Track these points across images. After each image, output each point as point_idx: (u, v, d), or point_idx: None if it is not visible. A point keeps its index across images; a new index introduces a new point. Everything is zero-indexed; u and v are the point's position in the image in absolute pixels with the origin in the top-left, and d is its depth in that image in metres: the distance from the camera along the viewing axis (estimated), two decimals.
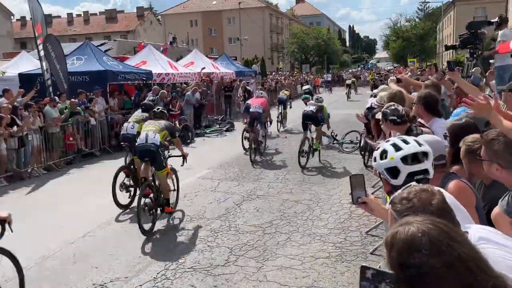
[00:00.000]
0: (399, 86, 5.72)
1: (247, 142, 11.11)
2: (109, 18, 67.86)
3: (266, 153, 11.49)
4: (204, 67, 20.28)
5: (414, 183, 1.70)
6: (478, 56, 7.73)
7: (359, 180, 2.26)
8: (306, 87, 15.94)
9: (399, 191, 1.63)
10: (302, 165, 9.39)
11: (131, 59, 18.14)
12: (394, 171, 2.19)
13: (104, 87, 13.48)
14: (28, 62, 16.62)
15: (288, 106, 16.40)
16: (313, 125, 9.90)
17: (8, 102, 10.08)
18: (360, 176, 2.31)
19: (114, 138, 12.94)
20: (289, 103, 16.65)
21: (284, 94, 16.64)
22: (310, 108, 9.86)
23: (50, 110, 10.91)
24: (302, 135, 9.86)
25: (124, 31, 62.67)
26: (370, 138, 6.34)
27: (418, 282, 1.10)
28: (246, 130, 11.27)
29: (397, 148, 2.21)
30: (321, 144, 10.43)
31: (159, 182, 6.41)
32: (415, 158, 2.17)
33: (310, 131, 9.90)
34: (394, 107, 3.68)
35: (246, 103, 11.98)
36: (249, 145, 10.69)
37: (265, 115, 11.38)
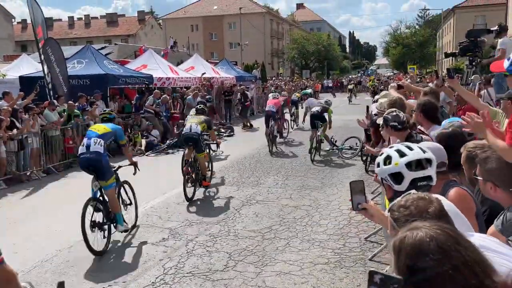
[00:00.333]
0: (399, 92, 5.74)
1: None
2: (110, 22, 68.03)
3: (264, 158, 11.51)
4: (205, 72, 20.34)
5: (413, 191, 1.71)
6: (477, 64, 7.78)
7: (359, 186, 2.27)
8: (308, 91, 18.58)
9: (398, 199, 1.64)
10: (312, 158, 10.77)
11: (132, 63, 18.20)
12: (398, 177, 2.21)
13: (104, 90, 13.50)
14: (28, 65, 16.66)
15: (300, 107, 18.21)
16: (320, 122, 11.13)
17: (8, 105, 10.10)
18: (360, 182, 2.32)
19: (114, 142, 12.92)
20: (300, 103, 18.36)
21: (296, 96, 19.06)
22: (317, 108, 11.36)
23: (50, 114, 10.93)
24: (311, 132, 11.15)
25: (125, 35, 62.80)
26: (370, 144, 6.35)
27: (426, 286, 1.12)
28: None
29: (401, 154, 2.23)
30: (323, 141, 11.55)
31: (198, 162, 8.10)
32: (419, 164, 2.19)
33: (318, 129, 11.04)
34: (395, 113, 3.70)
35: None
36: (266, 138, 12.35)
37: (278, 113, 12.98)
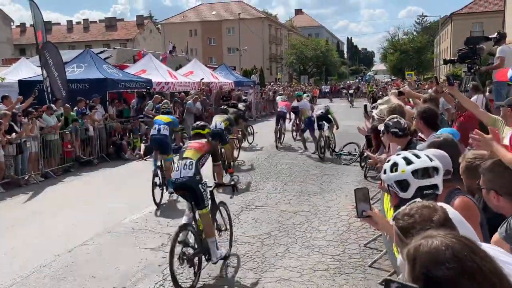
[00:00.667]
0: (400, 99, 5.76)
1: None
2: (108, 26, 68.07)
3: (263, 164, 11.50)
4: (203, 78, 20.41)
5: (418, 199, 1.72)
6: (476, 71, 7.83)
7: (363, 193, 2.27)
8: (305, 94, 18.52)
9: (403, 207, 1.64)
10: (321, 157, 11.62)
11: (131, 67, 18.21)
12: (403, 184, 2.21)
13: (104, 95, 13.50)
14: (27, 69, 16.65)
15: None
16: (325, 122, 11.79)
17: (7, 109, 10.08)
18: (364, 189, 2.31)
19: (112, 146, 12.93)
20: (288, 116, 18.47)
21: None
22: (321, 110, 12.25)
23: (48, 118, 10.91)
24: (318, 133, 12.02)
25: (123, 39, 62.80)
26: (371, 150, 6.36)
27: None
28: (293, 124, 15.04)
29: (408, 162, 2.23)
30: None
31: (224, 152, 9.64)
32: (426, 172, 2.19)
33: (323, 130, 11.69)
34: (396, 119, 3.71)
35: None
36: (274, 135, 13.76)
37: (289, 114, 14.54)
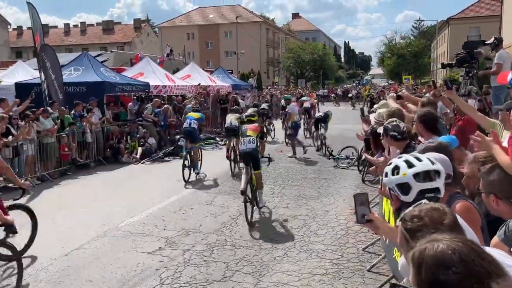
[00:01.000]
0: (398, 102, 5.76)
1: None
2: (106, 29, 68.04)
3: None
4: (200, 83, 20.45)
5: (425, 201, 1.70)
6: (474, 75, 7.84)
7: (363, 198, 2.25)
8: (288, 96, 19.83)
9: (410, 209, 1.62)
10: (322, 153, 13.09)
11: (128, 70, 18.15)
12: (405, 187, 2.20)
13: (101, 98, 13.46)
14: (24, 72, 16.55)
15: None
16: (322, 124, 13.49)
17: (3, 112, 10.02)
18: (364, 194, 2.30)
19: (109, 150, 12.88)
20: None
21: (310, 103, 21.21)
22: (320, 113, 14.17)
23: (44, 121, 10.85)
24: (315, 133, 13.91)
25: (121, 43, 62.75)
26: (369, 153, 6.36)
27: None
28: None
29: (409, 165, 2.22)
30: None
31: (237, 144, 10.57)
32: (427, 176, 2.18)
33: (320, 130, 13.42)
34: (395, 123, 3.71)
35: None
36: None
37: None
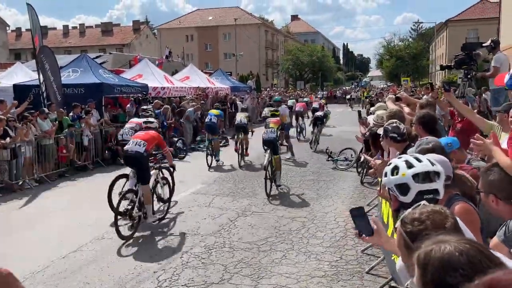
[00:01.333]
0: (397, 104, 5.75)
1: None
2: (104, 31, 67.99)
3: (260, 169, 11.42)
4: (198, 86, 20.51)
5: (424, 202, 1.67)
6: (472, 77, 7.84)
7: (360, 213, 2.19)
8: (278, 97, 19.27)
9: (410, 210, 1.59)
10: (314, 150, 14.09)
11: (127, 72, 18.14)
12: (404, 188, 2.17)
13: (99, 99, 13.43)
14: (23, 73, 16.51)
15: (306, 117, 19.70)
16: (320, 122, 14.57)
17: (2, 114, 9.99)
18: (360, 208, 2.23)
19: (107, 152, 12.85)
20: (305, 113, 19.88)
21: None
22: (320, 113, 14.96)
23: (42, 123, 10.82)
24: (315, 129, 14.65)
25: (119, 44, 62.69)
26: (368, 154, 6.35)
27: None
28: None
29: (409, 165, 2.19)
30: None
31: (245, 140, 12.28)
32: (427, 176, 2.16)
33: (317, 127, 14.48)
34: (395, 124, 3.70)
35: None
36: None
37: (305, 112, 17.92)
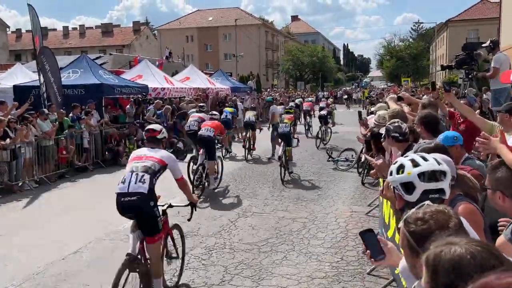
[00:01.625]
0: (398, 104, 5.72)
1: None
2: (105, 32, 67.96)
3: (260, 169, 11.42)
4: (198, 90, 20.53)
5: (428, 202, 1.64)
6: (473, 77, 7.82)
7: (370, 235, 2.11)
8: (270, 98, 19.60)
9: (413, 210, 1.57)
10: (318, 146, 14.73)
11: (127, 73, 18.14)
12: (409, 187, 2.15)
13: (99, 100, 13.41)
14: (23, 74, 16.51)
15: (313, 116, 20.02)
16: (324, 121, 15.21)
17: (2, 115, 9.97)
18: (370, 231, 2.14)
19: (108, 153, 12.82)
20: (312, 112, 20.37)
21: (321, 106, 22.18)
22: (324, 112, 15.52)
23: (42, 124, 10.80)
24: (318, 128, 15.36)
25: (119, 45, 62.65)
26: (370, 154, 6.33)
27: None
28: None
29: (415, 164, 2.17)
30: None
31: (252, 136, 12.82)
32: (433, 176, 2.13)
33: (324, 125, 15.22)
34: (397, 124, 3.68)
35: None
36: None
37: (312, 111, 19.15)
